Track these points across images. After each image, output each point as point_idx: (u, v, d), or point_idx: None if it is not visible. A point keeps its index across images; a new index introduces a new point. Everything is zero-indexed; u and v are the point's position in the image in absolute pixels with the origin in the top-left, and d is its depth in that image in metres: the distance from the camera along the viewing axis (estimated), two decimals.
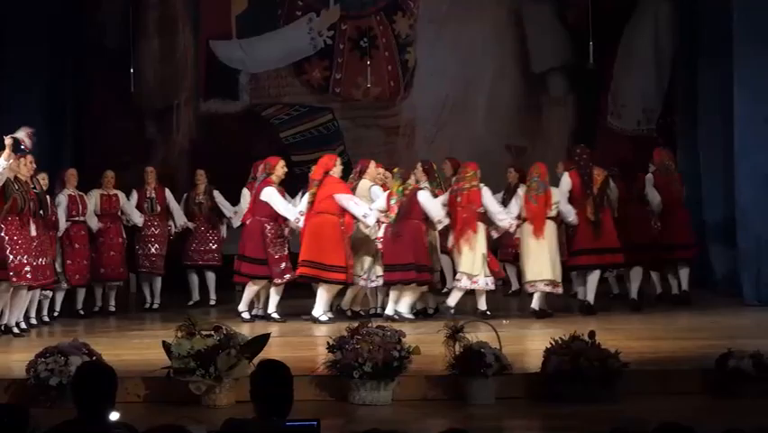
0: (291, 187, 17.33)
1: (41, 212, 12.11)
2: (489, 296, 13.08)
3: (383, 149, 18.36)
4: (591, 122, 18.25)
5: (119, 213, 14.52)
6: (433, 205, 12.84)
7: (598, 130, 18.21)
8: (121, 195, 14.52)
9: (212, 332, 8.76)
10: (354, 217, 12.87)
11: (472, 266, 12.82)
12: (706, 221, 15.79)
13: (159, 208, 14.90)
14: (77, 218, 13.71)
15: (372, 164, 13.61)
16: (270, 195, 13.05)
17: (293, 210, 13.03)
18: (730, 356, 8.63)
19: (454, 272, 13.21)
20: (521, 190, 13.28)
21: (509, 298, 15.05)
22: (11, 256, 11.37)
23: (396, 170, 13.31)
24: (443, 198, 13.04)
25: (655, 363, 9.44)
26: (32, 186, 12.10)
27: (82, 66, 17.63)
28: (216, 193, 15.12)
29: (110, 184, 14.46)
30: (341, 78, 18.58)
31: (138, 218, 14.58)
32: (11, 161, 11.36)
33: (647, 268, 14.16)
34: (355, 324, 9.05)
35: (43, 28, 15.62)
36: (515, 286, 15.25)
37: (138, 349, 10.58)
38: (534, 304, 12.99)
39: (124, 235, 14.57)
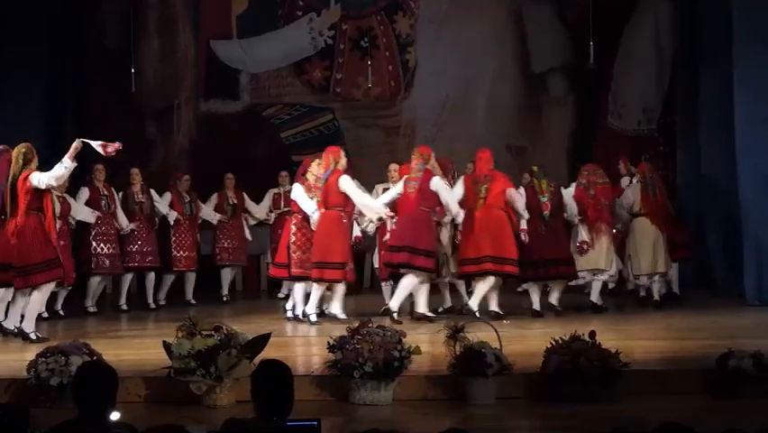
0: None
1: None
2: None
3: (383, 149, 18.38)
4: (591, 122, 18.27)
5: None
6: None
7: (598, 130, 18.23)
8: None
9: (212, 332, 8.75)
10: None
11: (603, 260, 13.20)
12: (706, 221, 15.80)
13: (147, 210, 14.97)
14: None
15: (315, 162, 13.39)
16: (348, 183, 12.68)
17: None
18: (730, 356, 8.62)
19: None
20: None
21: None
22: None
23: (535, 168, 13.49)
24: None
25: (656, 362, 9.44)
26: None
27: (82, 66, 17.65)
28: (153, 192, 15.06)
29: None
30: (341, 78, 18.60)
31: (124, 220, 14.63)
32: (75, 163, 11.46)
33: None
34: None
35: (43, 28, 15.63)
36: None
37: (138, 349, 10.57)
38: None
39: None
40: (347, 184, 12.55)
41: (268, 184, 17.05)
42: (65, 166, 11.31)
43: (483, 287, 12.72)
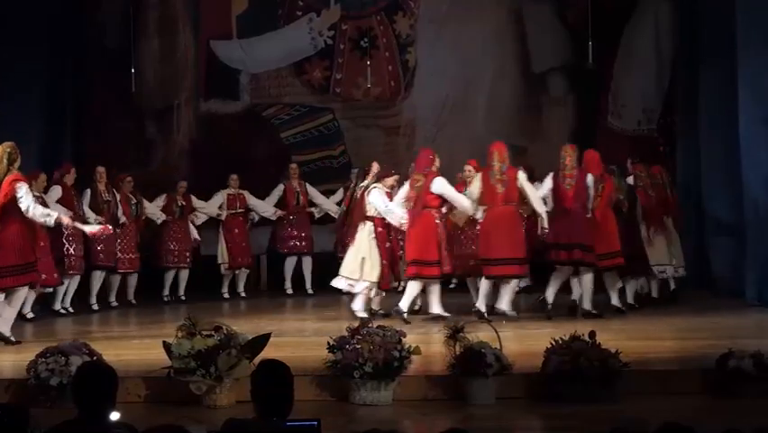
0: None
1: None
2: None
3: (383, 149, 18.37)
4: (591, 122, 18.24)
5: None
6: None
7: (598, 130, 18.21)
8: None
9: (212, 332, 8.76)
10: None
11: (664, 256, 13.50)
12: (707, 221, 15.80)
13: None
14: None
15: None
16: (444, 185, 12.78)
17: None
18: (731, 356, 8.63)
19: None
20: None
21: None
22: None
23: (614, 168, 13.64)
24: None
25: (656, 362, 9.44)
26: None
27: (82, 66, 17.62)
28: (114, 190, 15.15)
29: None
30: (341, 79, 18.58)
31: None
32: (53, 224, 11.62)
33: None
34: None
35: (43, 28, 15.61)
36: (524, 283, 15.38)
37: (138, 349, 10.59)
38: None
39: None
40: (443, 186, 12.68)
41: (268, 184, 17.12)
42: (47, 221, 11.28)
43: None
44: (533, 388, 8.66)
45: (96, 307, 14.88)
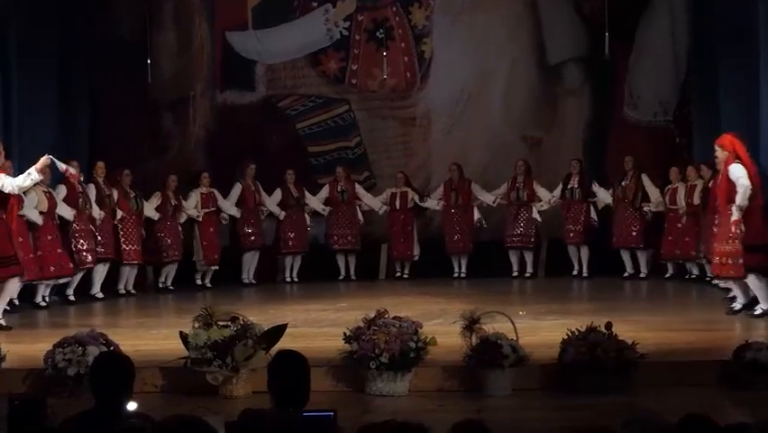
0: (309, 178, 17.46)
1: None
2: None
3: (399, 140, 18.38)
4: (607, 113, 18.21)
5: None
6: None
7: (613, 121, 18.19)
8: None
9: (229, 323, 8.78)
10: None
11: None
12: None
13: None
14: None
15: None
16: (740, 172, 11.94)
17: None
18: (747, 348, 8.60)
19: None
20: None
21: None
22: None
23: None
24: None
25: (672, 354, 9.41)
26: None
27: (98, 58, 17.63)
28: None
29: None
30: (357, 70, 18.58)
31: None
32: (41, 176, 11.90)
33: None
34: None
35: (60, 21, 15.65)
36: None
37: (155, 339, 10.61)
38: None
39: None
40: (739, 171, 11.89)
41: (283, 175, 17.14)
42: (32, 178, 11.68)
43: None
44: (549, 379, 8.66)
45: (100, 295, 15.22)
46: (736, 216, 11.61)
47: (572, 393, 8.33)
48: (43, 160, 11.75)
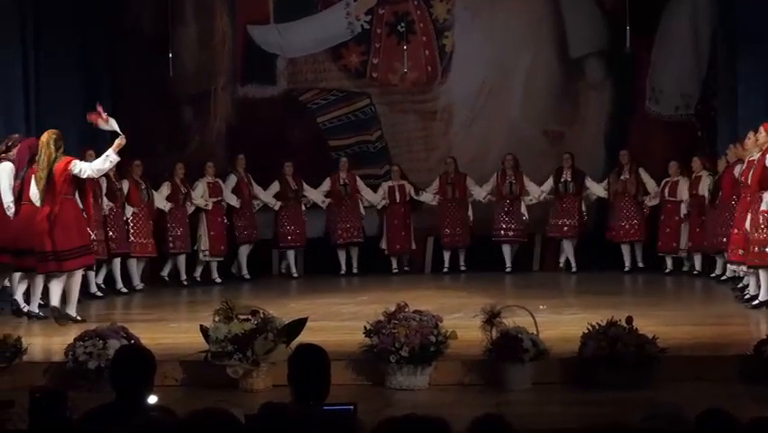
0: (330, 172, 17.47)
1: None
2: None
3: (420, 134, 18.38)
4: (629, 107, 18.16)
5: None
6: None
7: (635, 115, 18.13)
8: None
9: (249, 316, 8.80)
10: None
11: None
12: None
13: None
14: None
15: None
16: None
17: None
18: None
19: None
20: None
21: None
22: None
23: None
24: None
25: (693, 348, 9.38)
26: None
27: (120, 52, 17.67)
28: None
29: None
30: (378, 63, 18.57)
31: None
32: (118, 158, 12.08)
33: None
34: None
35: (81, 15, 15.69)
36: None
37: (176, 333, 10.64)
38: None
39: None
40: None
41: (303, 168, 17.18)
42: (110, 160, 11.82)
43: None
44: (569, 373, 8.65)
45: (124, 290, 15.37)
46: (766, 205, 11.64)
47: (592, 388, 8.31)
48: (119, 141, 11.82)
